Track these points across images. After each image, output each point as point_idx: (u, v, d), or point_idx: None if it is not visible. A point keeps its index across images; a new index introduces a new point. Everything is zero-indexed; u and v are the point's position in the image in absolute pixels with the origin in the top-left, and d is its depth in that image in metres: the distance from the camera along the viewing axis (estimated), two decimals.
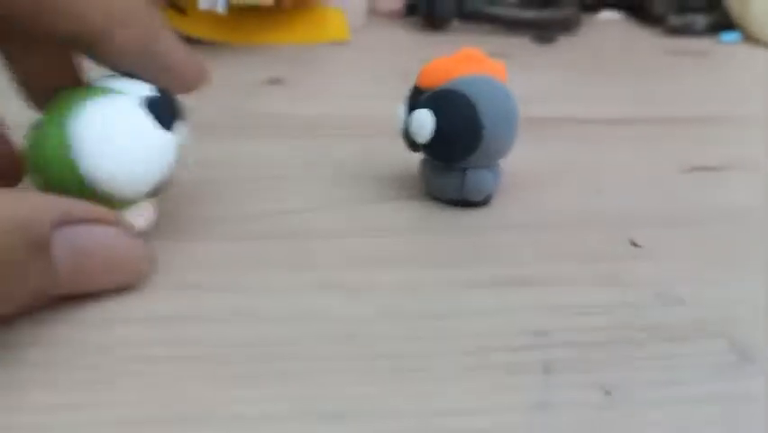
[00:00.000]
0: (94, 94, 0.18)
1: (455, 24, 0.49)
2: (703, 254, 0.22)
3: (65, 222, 0.16)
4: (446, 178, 0.23)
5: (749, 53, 0.48)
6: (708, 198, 0.25)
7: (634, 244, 0.22)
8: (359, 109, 0.32)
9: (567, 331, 0.18)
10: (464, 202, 0.23)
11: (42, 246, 0.15)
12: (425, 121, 0.22)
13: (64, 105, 0.18)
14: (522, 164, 0.25)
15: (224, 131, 0.29)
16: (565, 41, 0.48)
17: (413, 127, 0.22)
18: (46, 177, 0.18)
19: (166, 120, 0.19)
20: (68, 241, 0.16)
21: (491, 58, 0.23)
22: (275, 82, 0.36)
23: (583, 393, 0.16)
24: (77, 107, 0.18)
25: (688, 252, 0.22)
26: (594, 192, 0.25)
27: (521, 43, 0.47)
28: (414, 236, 0.22)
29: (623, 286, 0.20)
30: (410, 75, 0.24)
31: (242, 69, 0.38)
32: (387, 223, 0.23)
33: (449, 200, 0.24)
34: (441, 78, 0.23)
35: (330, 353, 0.17)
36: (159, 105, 0.18)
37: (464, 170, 0.23)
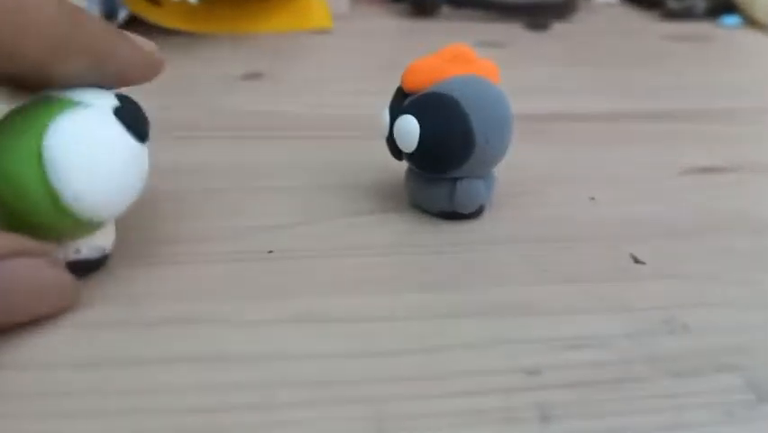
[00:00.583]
0: (61, 107, 0.16)
1: (445, 11, 0.47)
2: (710, 271, 0.20)
3: None
4: (434, 188, 0.21)
5: (750, 37, 0.46)
6: (713, 203, 0.24)
7: (636, 261, 0.20)
8: (342, 107, 0.31)
9: (563, 369, 0.16)
10: (454, 214, 0.22)
11: None
12: (409, 129, 0.20)
13: (30, 117, 0.16)
14: (514, 167, 0.23)
15: (198, 133, 0.27)
16: (560, 27, 0.46)
17: (397, 135, 0.21)
18: (4, 192, 0.16)
19: (139, 131, 0.17)
20: None
21: (480, 48, 0.21)
22: (253, 77, 0.34)
23: None
24: (46, 121, 0.16)
25: (694, 268, 0.20)
26: (590, 199, 0.24)
27: (514, 30, 0.45)
28: (397, 255, 0.20)
29: (625, 312, 0.18)
30: (397, 67, 0.22)
31: (217, 62, 0.36)
32: (368, 240, 0.21)
33: (438, 212, 0.22)
34: (427, 80, 0.21)
35: (302, 399, 0.15)
36: (129, 115, 0.17)
37: (454, 180, 0.21)
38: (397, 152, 0.21)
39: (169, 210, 0.22)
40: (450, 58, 0.21)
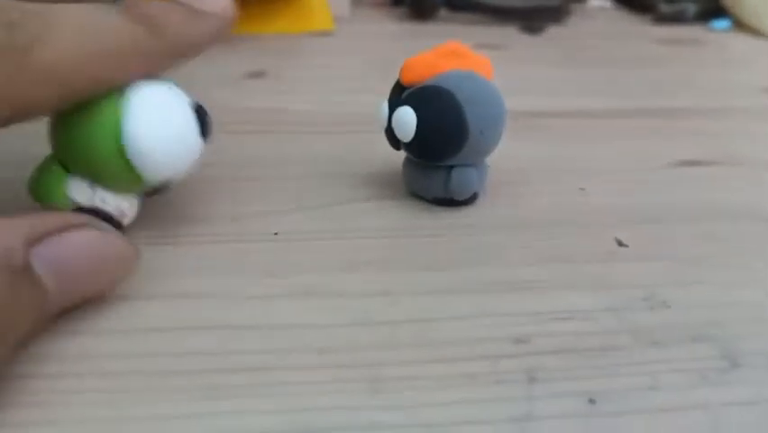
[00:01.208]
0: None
1: (443, 14, 0.48)
2: (691, 254, 0.21)
3: (38, 238, 0.15)
4: (430, 176, 0.23)
5: (740, 40, 0.47)
6: (697, 194, 0.25)
7: (620, 244, 0.22)
8: (343, 104, 0.32)
9: (549, 337, 0.17)
10: (449, 201, 0.23)
11: (25, 271, 0.15)
12: (407, 119, 0.21)
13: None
14: (507, 159, 0.25)
15: None
16: (555, 30, 0.47)
17: (396, 126, 0.22)
18: (80, 138, 0.18)
19: (205, 129, 0.19)
20: (47, 257, 0.15)
21: (478, 50, 0.23)
22: (256, 75, 0.35)
23: (568, 403, 0.15)
24: (133, 87, 0.18)
25: (675, 251, 0.21)
26: (580, 189, 0.25)
27: (510, 33, 0.46)
28: (395, 238, 0.21)
29: (608, 289, 0.19)
30: (396, 67, 0.23)
31: (221, 61, 0.37)
32: (368, 223, 0.22)
33: (433, 199, 0.23)
34: (424, 74, 0.22)
35: (304, 363, 0.16)
36: (202, 114, 0.19)
37: (449, 168, 0.22)
38: (395, 142, 0.23)
39: (181, 197, 0.23)
40: (446, 53, 0.23)
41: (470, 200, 0.23)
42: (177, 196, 0.23)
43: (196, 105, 0.19)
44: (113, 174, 0.18)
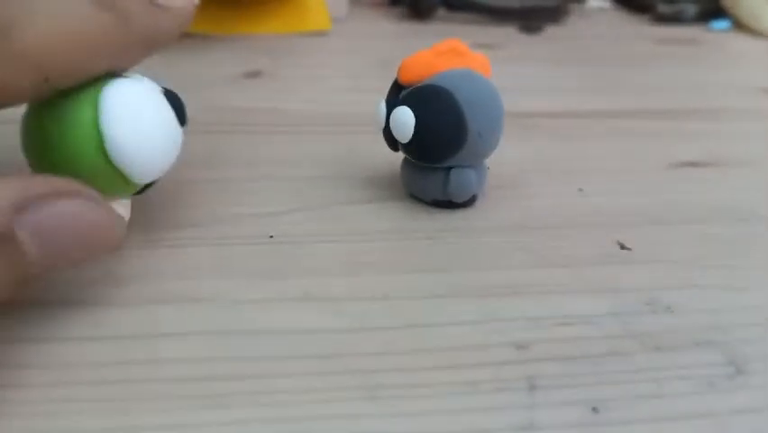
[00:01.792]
0: (112, 77, 0.17)
1: (441, 14, 0.48)
2: (695, 257, 0.21)
3: (24, 204, 0.15)
4: (429, 178, 0.22)
5: (739, 41, 0.47)
6: (699, 196, 0.25)
7: (622, 247, 0.21)
8: (340, 104, 0.31)
9: (551, 343, 0.17)
10: (448, 203, 0.23)
11: (7, 237, 0.14)
12: (405, 120, 0.21)
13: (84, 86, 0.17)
14: (506, 160, 0.24)
15: (199, 127, 0.28)
16: (553, 30, 0.47)
17: (393, 126, 0.21)
18: (60, 149, 0.17)
19: (181, 116, 0.19)
20: (33, 223, 0.15)
21: (475, 50, 0.22)
22: (253, 75, 0.35)
23: (571, 411, 0.15)
24: (102, 85, 0.17)
25: (678, 254, 0.21)
26: (580, 191, 0.25)
27: (508, 33, 0.46)
28: (393, 240, 0.21)
29: (610, 293, 0.19)
30: (394, 67, 0.22)
31: (218, 61, 0.36)
32: (365, 226, 0.22)
33: (432, 201, 0.23)
34: (422, 73, 0.22)
35: (301, 369, 0.16)
36: (175, 99, 0.19)
37: (448, 170, 0.22)
38: (393, 143, 0.22)
39: (175, 198, 0.22)
40: (444, 52, 0.22)
41: (468, 202, 0.23)
42: (169, 198, 0.22)
43: (165, 91, 0.18)
44: (98, 179, 0.17)
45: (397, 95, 0.22)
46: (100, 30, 0.17)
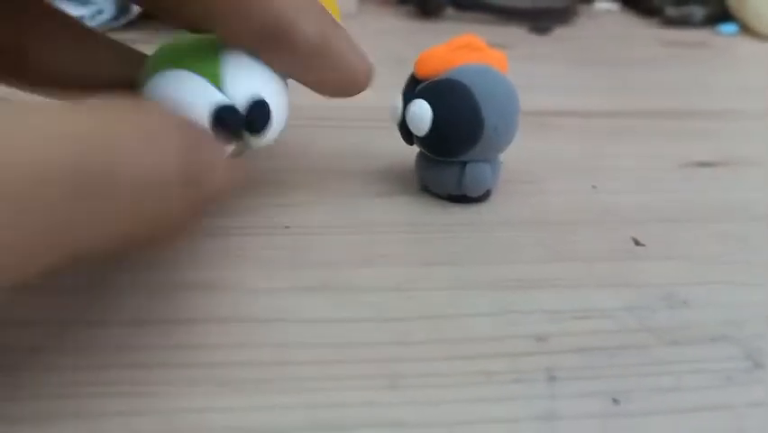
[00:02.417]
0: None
1: (450, 13, 0.48)
2: (709, 253, 0.21)
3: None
4: (444, 172, 0.22)
5: (747, 45, 0.47)
6: (711, 195, 0.25)
7: (636, 243, 0.21)
8: (354, 99, 0.31)
9: (570, 336, 0.17)
10: (462, 198, 0.23)
11: (196, 183, 0.14)
12: (422, 113, 0.21)
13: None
14: (518, 158, 0.24)
15: None
16: (562, 31, 0.47)
17: (410, 119, 0.21)
18: None
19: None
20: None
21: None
22: None
23: (591, 402, 0.15)
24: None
25: (693, 250, 0.21)
26: (592, 188, 0.25)
27: (516, 33, 0.46)
28: (408, 233, 0.21)
29: (626, 288, 0.19)
30: (404, 64, 0.23)
31: None
32: (380, 219, 0.22)
33: (447, 195, 0.23)
34: (439, 68, 0.22)
35: (320, 358, 0.16)
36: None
37: (463, 164, 0.22)
38: (409, 137, 0.22)
39: None
40: (460, 46, 0.22)
41: (483, 197, 0.23)
42: None
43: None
44: None
45: (414, 88, 0.22)
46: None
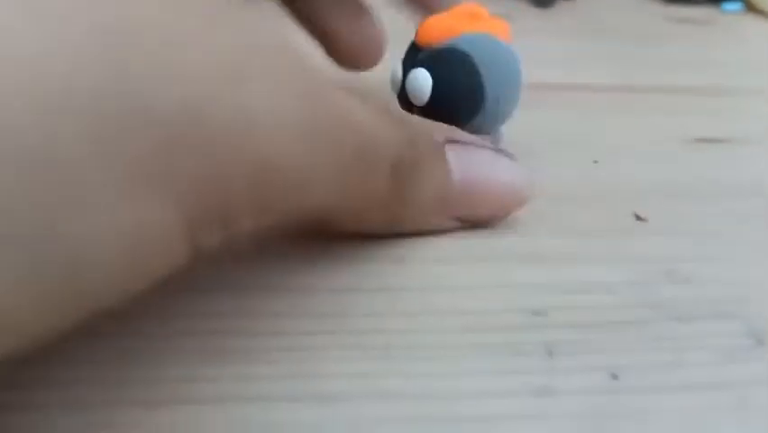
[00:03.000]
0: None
1: None
2: (711, 230, 0.20)
3: (451, 140, 0.18)
4: None
5: (752, 23, 0.46)
6: (714, 172, 0.24)
7: (638, 218, 0.21)
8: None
9: (568, 310, 0.17)
10: None
11: (442, 152, 0.17)
12: (423, 82, 0.20)
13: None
14: (518, 131, 0.24)
15: None
16: (565, 4, 0.46)
17: (410, 88, 0.21)
18: None
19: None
20: (457, 157, 0.17)
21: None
22: None
23: (590, 377, 0.15)
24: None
25: (695, 227, 0.21)
26: (593, 163, 0.24)
27: (519, 6, 0.45)
28: None
29: (627, 262, 0.19)
30: (403, 32, 0.22)
31: None
32: None
33: None
34: (441, 36, 0.21)
35: (309, 327, 0.15)
36: None
37: None
38: (409, 106, 0.22)
39: None
40: (463, 15, 0.22)
41: None
42: None
43: None
44: None
45: (415, 57, 0.21)
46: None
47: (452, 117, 0.21)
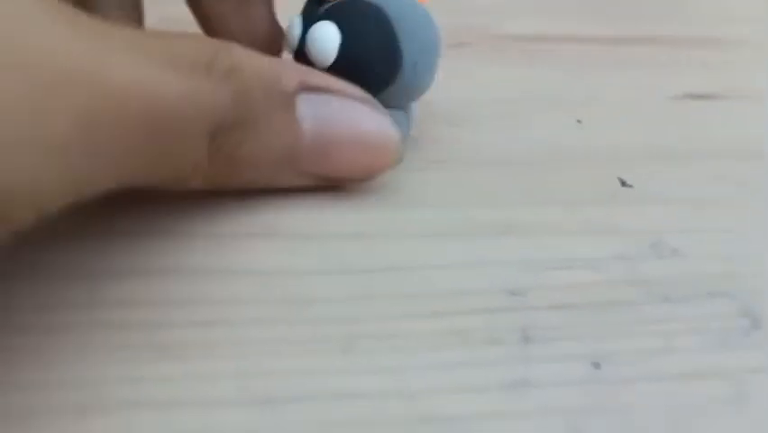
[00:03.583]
0: None
1: None
2: (703, 196, 0.19)
3: (311, 87, 0.16)
4: None
5: None
6: (707, 131, 0.23)
7: (623, 184, 0.19)
8: None
9: (547, 290, 0.15)
10: None
11: (288, 103, 0.15)
12: (328, 38, 0.17)
13: None
14: (496, 87, 0.22)
15: None
16: None
17: (311, 46, 0.17)
18: None
19: None
20: (311, 106, 0.15)
21: None
22: None
23: (569, 367, 0.13)
24: None
25: (684, 193, 0.19)
26: (577, 122, 0.22)
27: None
28: None
29: (612, 234, 0.17)
30: None
31: None
32: None
33: None
34: None
35: (261, 316, 0.14)
36: None
37: None
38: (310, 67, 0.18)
39: None
40: None
41: None
42: None
43: None
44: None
45: (317, 8, 0.18)
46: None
47: (363, 84, 0.17)
